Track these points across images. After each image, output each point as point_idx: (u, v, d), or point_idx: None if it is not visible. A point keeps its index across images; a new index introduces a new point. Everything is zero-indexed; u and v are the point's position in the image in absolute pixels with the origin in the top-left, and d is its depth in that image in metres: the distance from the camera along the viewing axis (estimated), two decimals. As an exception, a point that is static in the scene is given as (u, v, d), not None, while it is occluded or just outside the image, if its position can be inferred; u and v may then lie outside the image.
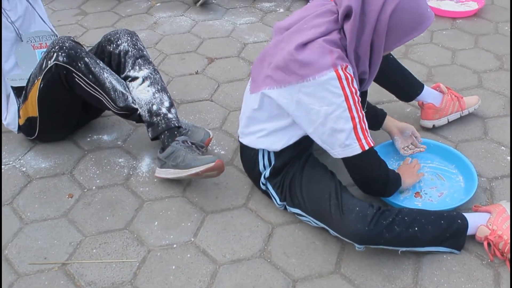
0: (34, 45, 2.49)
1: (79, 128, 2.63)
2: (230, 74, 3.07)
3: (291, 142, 2.01)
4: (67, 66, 2.18)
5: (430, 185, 2.25)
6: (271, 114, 1.97)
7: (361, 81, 1.92)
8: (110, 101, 2.24)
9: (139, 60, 2.35)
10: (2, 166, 2.44)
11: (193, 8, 3.84)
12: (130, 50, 2.36)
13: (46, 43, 2.52)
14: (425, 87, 2.53)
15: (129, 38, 2.39)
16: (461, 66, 3.08)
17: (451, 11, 3.64)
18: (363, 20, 1.75)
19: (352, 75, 1.78)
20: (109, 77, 2.24)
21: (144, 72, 2.32)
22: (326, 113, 1.80)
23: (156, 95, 2.27)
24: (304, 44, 1.80)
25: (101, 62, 2.28)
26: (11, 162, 2.46)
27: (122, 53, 2.36)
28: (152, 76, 2.32)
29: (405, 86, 2.51)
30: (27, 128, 2.47)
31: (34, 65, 2.40)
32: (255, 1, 3.94)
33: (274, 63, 1.87)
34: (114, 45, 2.38)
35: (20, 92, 2.44)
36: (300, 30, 1.86)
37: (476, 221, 1.94)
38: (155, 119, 2.24)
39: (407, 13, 1.74)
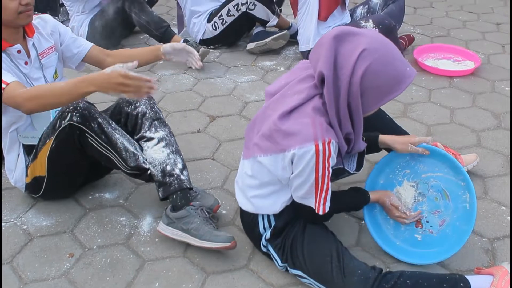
0: None
1: (82, 186, 2.64)
2: (231, 132, 3.11)
3: (289, 202, 2.03)
4: (81, 126, 2.22)
5: (433, 207, 2.22)
6: (264, 179, 2.01)
7: (348, 141, 1.95)
8: (121, 161, 2.28)
9: (156, 122, 2.41)
10: (3, 224, 2.44)
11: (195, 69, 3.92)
12: (147, 112, 2.42)
13: None
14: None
15: (147, 101, 2.46)
16: (459, 124, 3.12)
17: (448, 70, 3.72)
18: (337, 84, 1.78)
19: (331, 151, 1.82)
20: (121, 138, 2.29)
21: (160, 133, 2.38)
22: (295, 176, 1.89)
23: (171, 156, 2.32)
24: (289, 113, 1.85)
25: (113, 122, 2.33)
26: (12, 220, 2.47)
27: (139, 114, 2.43)
28: (167, 138, 2.38)
29: None
30: (33, 186, 2.48)
31: (47, 123, 2.42)
32: (256, 59, 4.02)
33: (261, 131, 1.94)
34: (132, 107, 2.44)
35: (29, 150, 2.47)
36: (284, 96, 1.92)
37: (479, 285, 1.93)
38: (168, 179, 2.27)
39: (381, 75, 1.74)
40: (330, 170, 1.86)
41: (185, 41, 3.88)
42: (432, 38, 4.35)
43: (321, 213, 1.92)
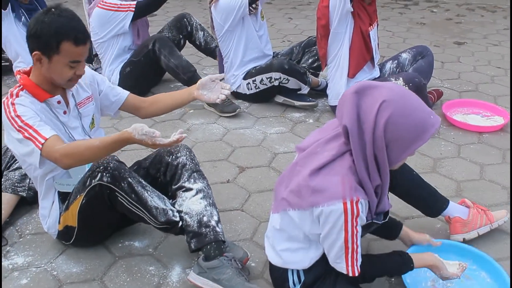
0: None
1: (112, 233, 2.67)
2: (261, 184, 3.13)
3: (318, 257, 2.03)
4: (111, 186, 2.28)
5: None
6: (292, 233, 2.02)
7: (376, 194, 1.95)
8: (151, 217, 2.32)
9: (195, 174, 2.46)
10: (35, 269, 2.48)
11: (224, 118, 3.99)
12: (188, 163, 2.48)
13: None
14: (451, 202, 2.55)
15: (187, 153, 2.52)
16: (489, 181, 3.10)
17: (477, 125, 3.72)
18: (362, 138, 1.81)
19: (360, 211, 1.83)
20: (150, 195, 2.33)
21: (199, 185, 2.42)
22: (324, 237, 1.91)
23: (208, 208, 2.36)
24: (318, 169, 1.87)
25: (143, 181, 2.38)
26: (42, 265, 2.50)
27: (180, 165, 2.48)
28: (205, 190, 2.42)
29: (430, 201, 2.53)
30: (64, 234, 2.53)
31: (81, 172, 2.47)
32: (285, 111, 4.07)
33: (290, 186, 1.97)
34: (174, 157, 2.50)
35: (64, 197, 2.51)
36: (314, 153, 1.94)
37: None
38: (204, 230, 2.30)
39: (402, 125, 1.76)
40: (359, 229, 1.86)
41: None
42: (460, 92, 4.37)
43: (353, 274, 1.91)
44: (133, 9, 4.11)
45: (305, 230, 1.95)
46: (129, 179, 2.31)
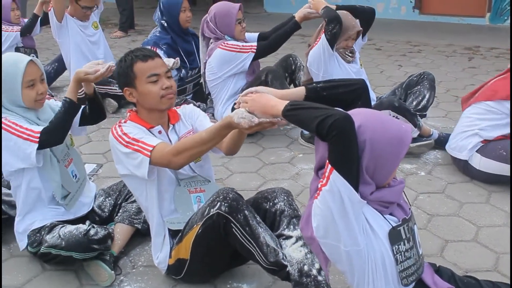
0: (189, 189, 2.65)
1: (222, 272, 2.70)
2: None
3: None
4: (228, 216, 2.31)
5: None
6: None
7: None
8: (261, 255, 2.31)
9: (294, 220, 2.45)
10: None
11: (334, 162, 3.95)
12: (286, 209, 2.47)
13: (200, 188, 2.68)
14: None
15: (285, 198, 2.51)
16: None
17: None
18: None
19: None
20: (263, 232, 2.34)
21: (298, 232, 2.40)
22: None
23: (308, 255, 2.33)
24: None
25: (258, 216, 2.39)
26: (153, 300, 2.56)
27: (278, 211, 2.48)
28: None
29: None
30: (175, 268, 2.58)
31: (189, 209, 2.56)
32: (396, 161, 3.98)
33: None
34: (271, 203, 2.51)
35: (174, 232, 2.58)
36: None
37: None
38: (304, 279, 2.27)
39: (384, 141, 1.86)
40: None
41: None
42: None
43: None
44: (255, 50, 4.23)
45: None
46: (245, 211, 2.34)
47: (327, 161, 1.86)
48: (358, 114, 1.90)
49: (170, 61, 3.97)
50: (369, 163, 1.86)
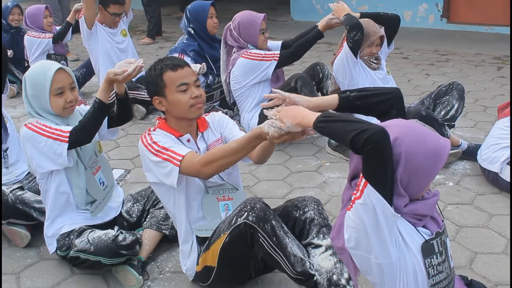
0: (218, 197, 2.66)
1: (249, 280, 2.70)
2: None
3: None
4: (255, 226, 2.32)
5: None
6: None
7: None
8: (288, 264, 2.32)
9: (324, 229, 2.44)
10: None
11: (361, 171, 3.93)
12: (316, 218, 2.47)
13: (228, 196, 2.69)
14: None
15: (315, 206, 2.51)
16: None
17: None
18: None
19: None
20: (291, 242, 2.34)
21: (328, 241, 2.40)
22: None
23: (337, 265, 2.32)
24: None
25: (285, 226, 2.39)
26: (180, 306, 2.57)
27: (308, 220, 2.48)
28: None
29: None
30: (202, 275, 2.59)
31: (217, 216, 2.58)
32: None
33: None
34: (301, 212, 2.50)
35: (202, 240, 2.60)
36: None
37: None
38: None
39: (419, 155, 1.84)
40: None
41: None
42: None
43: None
44: (277, 58, 4.24)
45: None
46: (273, 221, 2.34)
47: (361, 174, 1.85)
48: (394, 126, 1.89)
49: (196, 67, 4.02)
50: (403, 176, 1.85)
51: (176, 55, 4.71)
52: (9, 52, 5.89)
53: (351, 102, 2.30)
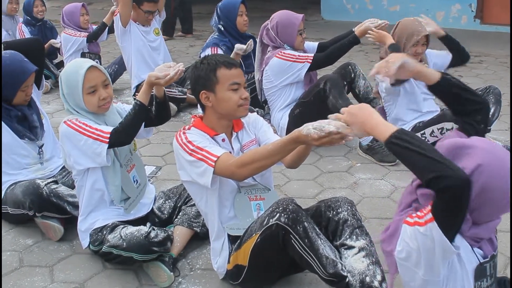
0: (250, 196, 2.66)
1: (280, 279, 2.70)
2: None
3: None
4: (287, 227, 2.32)
5: None
6: None
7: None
8: (320, 266, 2.31)
9: (357, 230, 2.42)
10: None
11: (393, 172, 3.90)
12: (349, 219, 2.45)
13: (260, 196, 2.69)
14: None
15: (349, 207, 2.49)
16: None
17: None
18: None
19: None
20: (323, 244, 2.34)
21: (361, 242, 2.38)
22: None
23: (370, 267, 2.31)
24: None
25: (317, 227, 2.39)
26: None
27: (341, 221, 2.46)
28: (368, 248, 2.37)
29: None
30: (233, 274, 2.60)
31: (249, 216, 2.58)
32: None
33: None
34: (334, 212, 2.49)
35: (233, 238, 2.61)
36: None
37: None
38: None
39: (497, 190, 1.75)
40: None
41: None
42: None
43: None
44: (311, 61, 4.22)
45: None
46: (305, 223, 2.34)
47: (431, 206, 1.79)
48: (480, 149, 1.79)
49: (243, 47, 4.03)
50: (474, 203, 1.77)
51: (209, 49, 4.75)
52: (58, 44, 6.06)
53: (449, 86, 2.14)
